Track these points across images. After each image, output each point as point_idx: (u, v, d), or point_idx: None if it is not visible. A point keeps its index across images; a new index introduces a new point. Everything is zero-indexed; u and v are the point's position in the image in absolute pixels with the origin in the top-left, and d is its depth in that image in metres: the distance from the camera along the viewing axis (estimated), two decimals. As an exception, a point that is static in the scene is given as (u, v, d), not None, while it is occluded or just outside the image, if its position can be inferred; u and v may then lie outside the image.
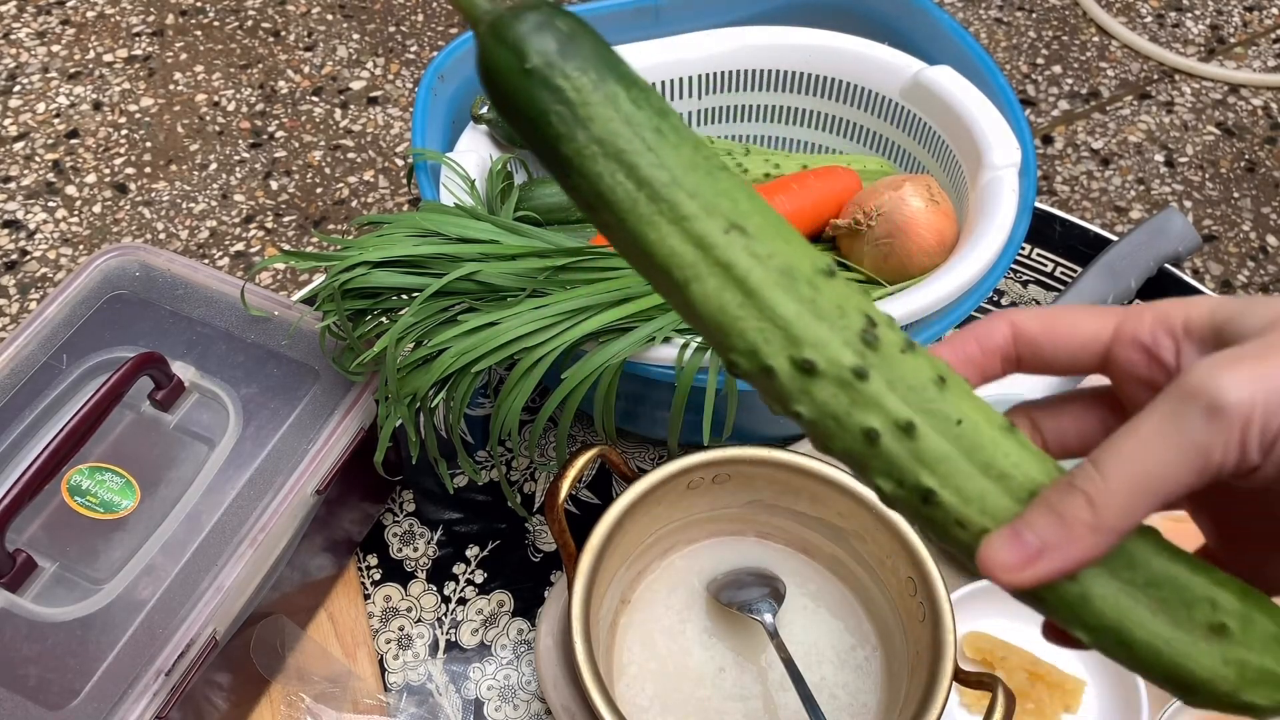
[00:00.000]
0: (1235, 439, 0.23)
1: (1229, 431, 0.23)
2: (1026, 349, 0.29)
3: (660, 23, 0.80)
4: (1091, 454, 0.25)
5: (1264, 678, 0.26)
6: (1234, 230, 1.15)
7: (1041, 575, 0.25)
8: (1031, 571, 0.25)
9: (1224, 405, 0.23)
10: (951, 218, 0.69)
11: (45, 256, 1.01)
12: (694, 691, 0.62)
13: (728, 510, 0.65)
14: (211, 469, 0.61)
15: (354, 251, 0.61)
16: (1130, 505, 0.24)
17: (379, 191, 1.07)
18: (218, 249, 1.01)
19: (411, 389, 0.60)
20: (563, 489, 0.57)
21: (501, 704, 0.67)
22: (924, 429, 0.27)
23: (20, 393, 0.63)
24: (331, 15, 1.26)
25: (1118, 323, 0.28)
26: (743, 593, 0.63)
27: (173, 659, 0.54)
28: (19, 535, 0.58)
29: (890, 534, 0.59)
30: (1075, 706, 0.64)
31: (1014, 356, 0.30)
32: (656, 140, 0.27)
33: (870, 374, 0.27)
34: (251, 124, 1.13)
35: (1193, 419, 0.23)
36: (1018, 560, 0.25)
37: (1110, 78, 1.24)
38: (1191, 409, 0.23)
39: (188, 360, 0.65)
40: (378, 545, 0.74)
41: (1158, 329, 0.27)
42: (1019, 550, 0.25)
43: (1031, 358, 0.29)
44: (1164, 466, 0.24)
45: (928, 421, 0.27)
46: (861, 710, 0.61)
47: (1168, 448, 0.24)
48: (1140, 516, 0.25)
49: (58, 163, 1.09)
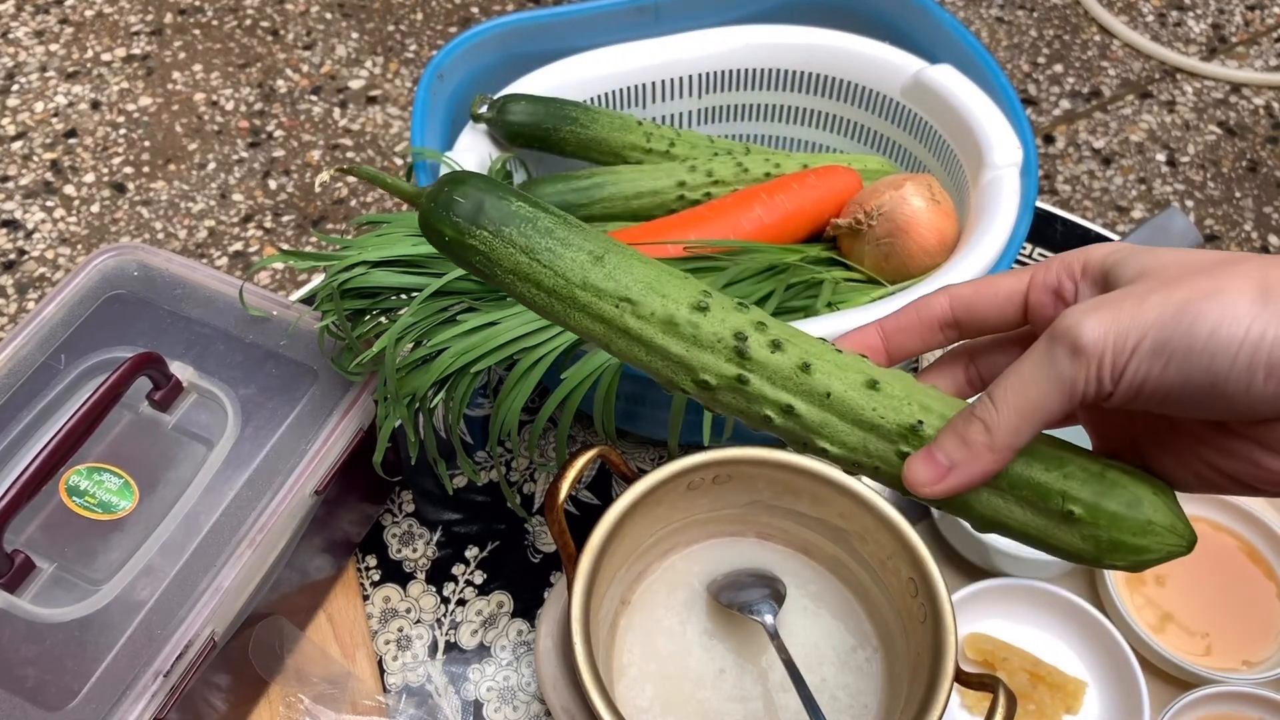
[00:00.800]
0: (1093, 373, 0.28)
1: (1088, 367, 0.28)
2: (963, 311, 0.35)
3: (660, 22, 0.80)
4: (988, 388, 0.31)
5: (1115, 546, 0.33)
6: (1235, 230, 1.15)
7: (952, 487, 0.32)
8: (943, 485, 0.32)
9: (1082, 345, 0.28)
10: (952, 217, 0.68)
11: (43, 256, 1.01)
12: (694, 693, 0.61)
13: (728, 511, 0.65)
14: (210, 469, 0.61)
15: (353, 251, 0.61)
16: (1017, 429, 0.30)
17: (378, 191, 1.07)
18: (216, 249, 1.01)
19: (411, 389, 0.60)
20: (562, 489, 0.57)
21: (501, 705, 0.67)
22: (800, 407, 0.35)
23: (18, 393, 0.63)
24: (330, 14, 1.25)
25: (1032, 273, 0.34)
26: (743, 594, 0.63)
27: (171, 660, 0.54)
28: (17, 536, 0.58)
29: (891, 535, 0.58)
30: (1076, 708, 0.64)
31: (953, 322, 0.35)
32: (551, 257, 0.36)
33: (749, 378, 0.36)
34: (250, 123, 1.13)
35: (1060, 357, 0.29)
36: (933, 477, 0.32)
37: (1112, 77, 1.24)
38: (1059, 349, 0.29)
39: (186, 360, 0.65)
40: (377, 546, 0.74)
41: (1061, 273, 0.33)
42: (933, 469, 0.32)
43: (968, 319, 0.35)
44: (1041, 397, 0.30)
45: (801, 400, 0.35)
46: (862, 712, 0.61)
47: (1042, 381, 0.29)
48: (1026, 438, 0.31)
49: (56, 162, 1.09)
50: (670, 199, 0.73)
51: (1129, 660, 0.63)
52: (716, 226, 0.69)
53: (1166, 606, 0.68)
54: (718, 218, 0.70)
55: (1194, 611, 0.68)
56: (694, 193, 0.73)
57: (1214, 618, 0.67)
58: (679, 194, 0.73)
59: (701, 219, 0.70)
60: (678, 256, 0.66)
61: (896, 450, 0.34)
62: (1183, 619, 0.67)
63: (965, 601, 0.66)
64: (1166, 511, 0.33)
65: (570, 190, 0.72)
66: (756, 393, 0.36)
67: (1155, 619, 0.67)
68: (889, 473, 0.35)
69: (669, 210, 0.74)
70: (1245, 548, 0.70)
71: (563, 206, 0.73)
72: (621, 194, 0.73)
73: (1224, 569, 0.69)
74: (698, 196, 0.73)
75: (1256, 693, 0.62)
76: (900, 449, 0.34)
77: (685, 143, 0.76)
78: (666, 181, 0.73)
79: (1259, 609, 0.68)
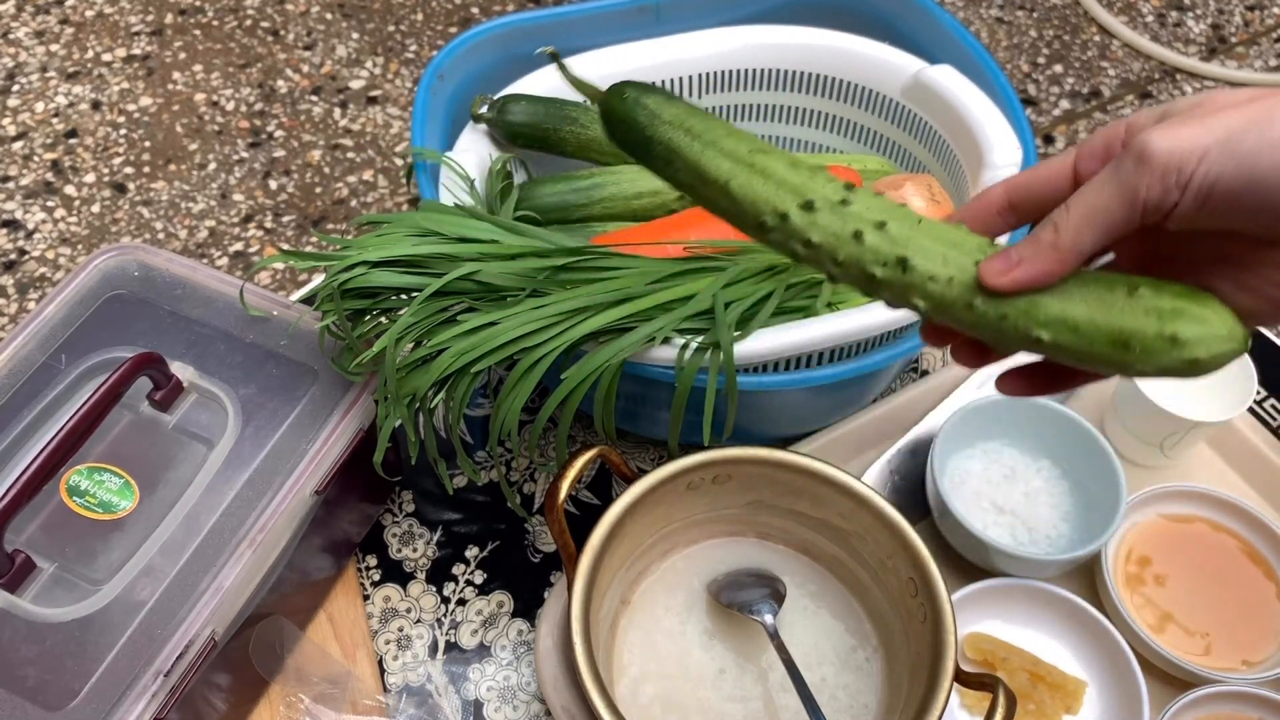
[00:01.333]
0: (1158, 179, 0.30)
1: (1152, 174, 0.30)
2: (1018, 195, 0.37)
3: (660, 22, 0.80)
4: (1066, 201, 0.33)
5: (1178, 312, 0.34)
6: (1235, 230, 1.15)
7: (1019, 280, 0.34)
8: (1011, 276, 0.34)
9: (1150, 153, 0.30)
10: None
11: (44, 256, 1.01)
12: (694, 692, 0.61)
13: (728, 511, 0.65)
14: (210, 469, 0.61)
15: (353, 251, 0.61)
16: (1080, 230, 0.32)
17: (378, 191, 1.07)
18: (216, 249, 1.01)
19: (411, 389, 0.60)
20: (563, 489, 0.57)
21: (501, 705, 0.67)
22: (893, 224, 0.39)
23: (19, 393, 0.63)
24: (331, 14, 1.25)
25: (1078, 148, 0.36)
26: (743, 594, 0.63)
27: (171, 660, 0.54)
28: (17, 536, 0.58)
29: (891, 534, 0.58)
30: (1076, 707, 0.64)
31: (1010, 206, 0.37)
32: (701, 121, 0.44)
33: (852, 201, 0.40)
34: (250, 123, 1.13)
35: (1127, 166, 0.31)
36: (1003, 267, 0.34)
37: (1111, 77, 1.24)
38: (1126, 160, 0.31)
39: (186, 360, 0.65)
40: (377, 546, 0.74)
41: (1107, 137, 0.35)
42: (1005, 261, 0.34)
43: (1023, 200, 0.37)
44: (1107, 200, 0.32)
45: (895, 220, 0.39)
46: (862, 711, 0.61)
47: (1108, 187, 0.32)
48: (1090, 241, 0.33)
49: (56, 162, 1.09)
50: (670, 199, 0.73)
51: (1129, 660, 0.63)
52: (717, 226, 0.69)
53: (1166, 606, 0.68)
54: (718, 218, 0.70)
55: (1193, 611, 0.68)
56: (694, 193, 0.73)
57: (1214, 618, 0.67)
58: (679, 194, 0.73)
59: (702, 219, 0.70)
60: (678, 256, 0.66)
61: (974, 260, 0.37)
62: (1182, 619, 0.67)
63: (965, 601, 0.66)
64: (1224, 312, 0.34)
65: (570, 190, 0.72)
66: (855, 211, 0.39)
67: (1155, 619, 0.67)
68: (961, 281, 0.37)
69: (669, 210, 0.74)
70: (1245, 548, 0.70)
71: (563, 206, 0.73)
72: (621, 194, 0.73)
73: (1224, 569, 0.69)
74: (698, 197, 0.73)
75: (1256, 692, 0.62)
76: (976, 258, 0.37)
77: (685, 143, 0.76)
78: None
79: (1259, 609, 0.68)
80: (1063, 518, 0.70)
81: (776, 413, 0.73)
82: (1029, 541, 0.68)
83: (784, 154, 0.43)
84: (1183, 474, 0.75)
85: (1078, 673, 0.65)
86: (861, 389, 0.74)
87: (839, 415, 0.74)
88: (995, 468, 0.71)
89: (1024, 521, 0.69)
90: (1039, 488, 0.71)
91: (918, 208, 0.67)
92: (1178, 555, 0.70)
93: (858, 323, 0.61)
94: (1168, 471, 0.75)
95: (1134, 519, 0.71)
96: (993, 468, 0.71)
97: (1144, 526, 0.71)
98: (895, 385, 0.80)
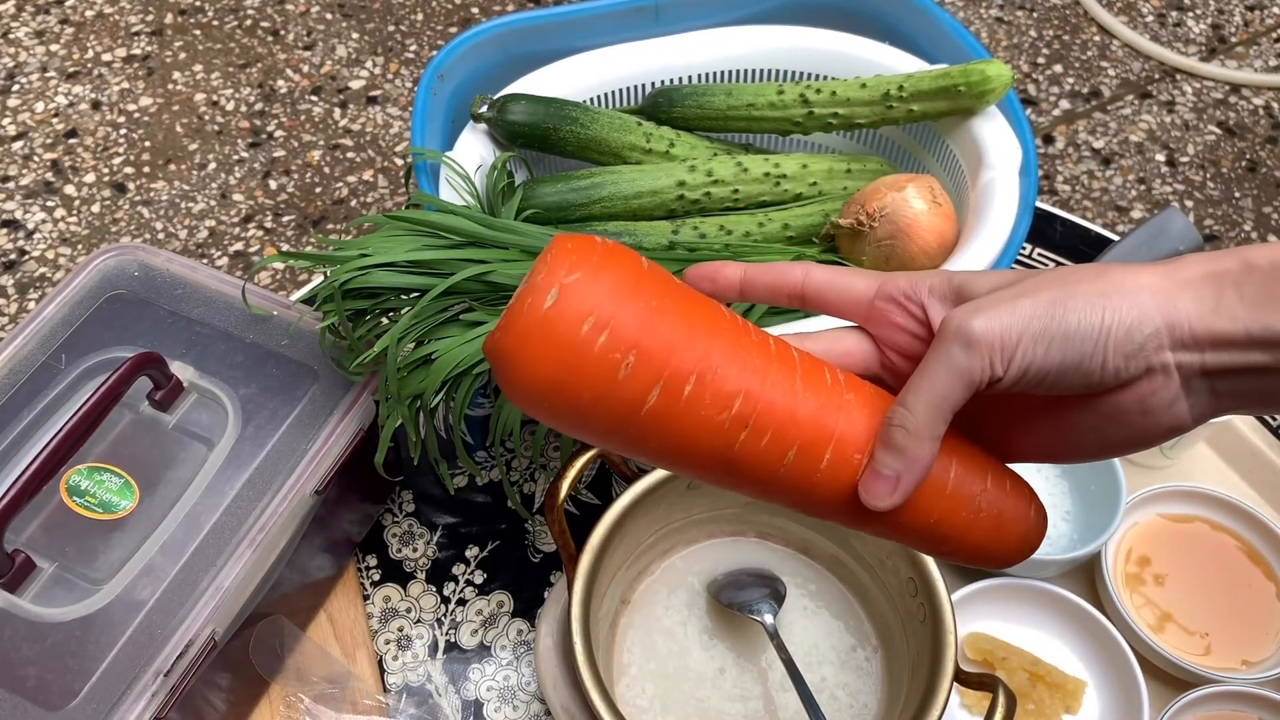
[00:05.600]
0: (985, 361, 0.34)
1: (981, 357, 0.34)
2: (813, 293, 0.40)
3: (660, 22, 0.80)
4: (898, 397, 0.36)
5: None
6: (1235, 230, 1.15)
7: (908, 489, 0.35)
8: (900, 490, 0.35)
9: (975, 340, 0.34)
10: (952, 219, 0.69)
11: (44, 256, 1.01)
12: (694, 692, 0.61)
13: (728, 510, 0.65)
14: (210, 469, 0.61)
15: (354, 252, 0.61)
16: (933, 421, 0.35)
17: (379, 191, 1.07)
18: (217, 249, 1.01)
19: (413, 390, 0.60)
20: (563, 489, 0.57)
21: (501, 705, 0.67)
22: None
23: (19, 393, 0.63)
24: (331, 14, 1.26)
25: (880, 283, 0.39)
26: (743, 593, 0.63)
27: (172, 659, 0.54)
28: (17, 535, 0.58)
29: (891, 534, 0.59)
30: (1076, 707, 0.64)
31: (799, 296, 0.40)
32: None
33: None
34: (250, 123, 1.13)
35: (957, 353, 0.34)
36: (888, 488, 0.35)
37: (1111, 77, 1.24)
38: (955, 346, 0.34)
39: (186, 360, 0.65)
40: (377, 546, 0.74)
41: (908, 288, 0.38)
42: (885, 483, 0.35)
43: (815, 300, 0.40)
44: (946, 389, 0.35)
45: None
46: (862, 711, 0.61)
47: (945, 375, 0.35)
48: (942, 426, 0.35)
49: (56, 162, 1.09)
50: (670, 199, 0.73)
51: (1128, 660, 0.63)
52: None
53: (1166, 606, 0.68)
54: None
55: (1193, 611, 0.68)
56: (693, 192, 0.73)
57: (1213, 617, 0.67)
58: (679, 194, 0.73)
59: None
60: (677, 257, 0.66)
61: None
62: (1182, 618, 0.67)
63: (964, 601, 0.66)
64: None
65: (570, 190, 0.72)
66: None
67: (1154, 618, 0.67)
68: None
69: (669, 210, 0.74)
70: (1245, 548, 0.70)
71: (563, 206, 0.73)
72: (621, 194, 0.73)
73: (1224, 569, 0.69)
74: (697, 196, 0.73)
75: (1256, 692, 0.63)
76: None
77: (685, 143, 0.77)
78: (666, 181, 0.73)
79: (1258, 609, 0.68)
80: (1063, 517, 0.70)
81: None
82: (1029, 541, 0.68)
83: None
84: (1182, 474, 0.75)
85: (1077, 672, 0.65)
86: (861, 389, 0.74)
87: (839, 415, 0.74)
88: (995, 467, 0.71)
89: (1024, 521, 0.69)
90: (1039, 487, 0.71)
91: (920, 209, 0.67)
92: (1177, 555, 0.70)
93: (857, 323, 0.61)
94: (1167, 471, 0.75)
95: (1134, 519, 0.71)
96: (992, 467, 0.71)
97: (1144, 526, 0.71)
98: (895, 385, 0.81)
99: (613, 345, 0.31)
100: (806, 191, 0.75)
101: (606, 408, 0.32)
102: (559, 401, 0.32)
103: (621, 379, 0.32)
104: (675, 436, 0.33)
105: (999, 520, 0.38)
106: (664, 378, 0.32)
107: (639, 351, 0.32)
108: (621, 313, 0.31)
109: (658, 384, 0.32)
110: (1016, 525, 0.38)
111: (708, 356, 0.33)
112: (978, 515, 0.38)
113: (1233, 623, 0.67)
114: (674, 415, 0.33)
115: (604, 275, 0.32)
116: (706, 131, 0.79)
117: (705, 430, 0.33)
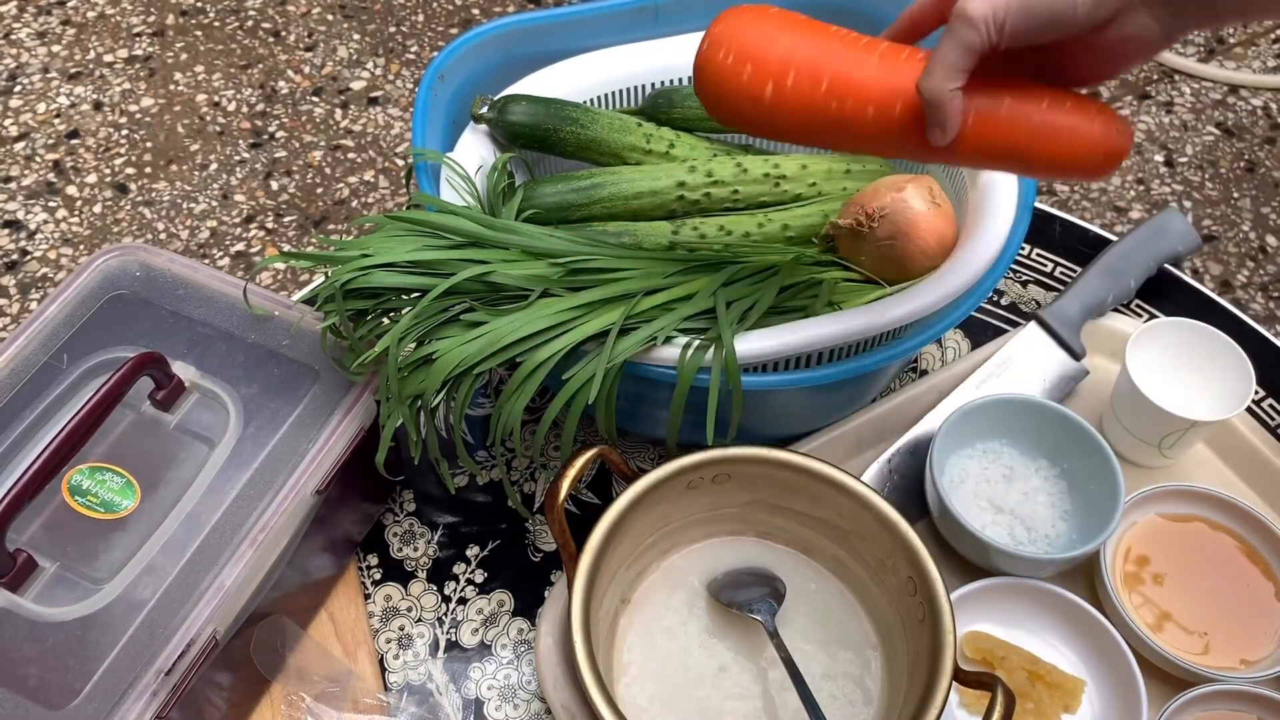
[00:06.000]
0: (982, 31, 0.47)
1: (977, 28, 0.47)
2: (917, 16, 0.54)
3: (660, 22, 0.80)
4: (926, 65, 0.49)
5: None
6: (1234, 230, 1.15)
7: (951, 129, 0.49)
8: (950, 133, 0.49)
9: (971, 15, 0.47)
10: (951, 220, 0.69)
11: (46, 256, 1.01)
12: (694, 691, 0.62)
13: (728, 510, 0.65)
14: (212, 469, 0.61)
15: (355, 252, 0.61)
16: (946, 78, 0.48)
17: (379, 191, 1.07)
18: (218, 249, 1.01)
19: (413, 390, 0.60)
20: (563, 489, 0.57)
21: (502, 704, 0.67)
22: None
23: (20, 393, 0.63)
24: (332, 15, 1.26)
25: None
26: (743, 593, 0.63)
27: (173, 659, 0.54)
28: (19, 535, 0.58)
29: (890, 534, 0.59)
30: (1075, 706, 0.64)
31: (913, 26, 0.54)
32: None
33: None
34: (252, 124, 1.13)
35: (959, 27, 0.47)
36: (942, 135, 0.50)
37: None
38: (958, 22, 0.47)
39: (188, 360, 0.65)
40: (378, 545, 0.74)
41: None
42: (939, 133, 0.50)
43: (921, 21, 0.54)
44: (955, 57, 0.48)
45: None
46: (861, 710, 0.61)
47: (953, 46, 0.48)
48: (956, 82, 0.48)
49: (58, 163, 1.09)
50: (670, 199, 0.74)
51: (1127, 659, 0.63)
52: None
53: (1165, 605, 0.68)
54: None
55: (1192, 610, 0.68)
56: (693, 193, 0.73)
57: (1212, 617, 0.68)
58: (679, 194, 0.73)
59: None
60: (677, 256, 0.66)
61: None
62: (1181, 618, 0.68)
63: (964, 600, 0.66)
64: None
65: (570, 190, 0.73)
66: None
67: (1153, 618, 0.68)
68: None
69: (669, 211, 0.74)
70: (1244, 547, 0.70)
71: (563, 206, 0.73)
72: (621, 194, 0.73)
73: (1223, 568, 0.69)
74: (697, 197, 0.73)
75: (1254, 691, 0.63)
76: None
77: (685, 144, 0.77)
78: (666, 182, 0.73)
79: (1257, 608, 0.68)
80: (1061, 517, 0.70)
81: (776, 412, 0.73)
82: (1028, 541, 0.68)
83: None
84: (1181, 473, 0.75)
85: (1076, 672, 0.66)
86: (861, 389, 0.75)
87: (838, 415, 0.75)
88: (994, 467, 0.72)
89: (1023, 521, 0.69)
90: (1038, 487, 0.71)
91: (919, 210, 0.67)
92: (1176, 554, 0.70)
93: (857, 323, 0.61)
94: (1166, 471, 0.76)
95: (1132, 518, 0.71)
96: (991, 467, 0.72)
97: (1142, 526, 0.71)
98: (894, 385, 0.81)
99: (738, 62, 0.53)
100: (806, 192, 0.75)
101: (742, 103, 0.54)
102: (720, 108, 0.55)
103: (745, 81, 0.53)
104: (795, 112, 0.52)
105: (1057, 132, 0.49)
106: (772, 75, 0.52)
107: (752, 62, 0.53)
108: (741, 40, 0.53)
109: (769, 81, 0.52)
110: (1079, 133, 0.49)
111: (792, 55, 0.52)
112: (1035, 131, 0.49)
113: (1231, 622, 0.67)
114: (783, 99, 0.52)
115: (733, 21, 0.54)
116: (706, 132, 0.79)
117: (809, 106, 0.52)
